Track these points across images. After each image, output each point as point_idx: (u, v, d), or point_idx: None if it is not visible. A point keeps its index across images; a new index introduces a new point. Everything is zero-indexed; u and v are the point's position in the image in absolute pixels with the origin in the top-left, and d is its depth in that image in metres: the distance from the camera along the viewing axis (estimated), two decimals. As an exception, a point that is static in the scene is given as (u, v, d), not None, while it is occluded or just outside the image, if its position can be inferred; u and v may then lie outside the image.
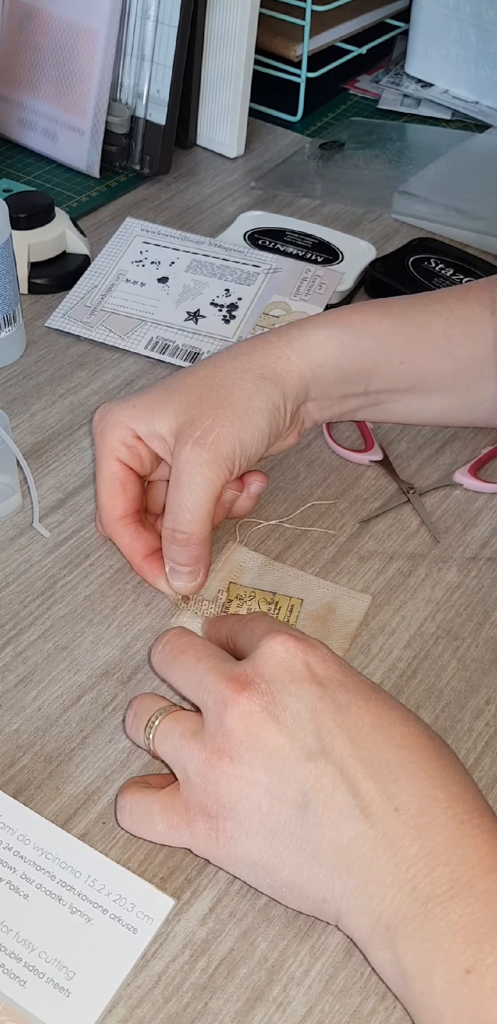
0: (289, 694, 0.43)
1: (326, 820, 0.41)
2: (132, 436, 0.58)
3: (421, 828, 0.40)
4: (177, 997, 0.42)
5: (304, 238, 0.87)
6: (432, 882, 0.39)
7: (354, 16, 1.17)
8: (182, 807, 0.44)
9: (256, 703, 0.43)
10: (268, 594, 0.58)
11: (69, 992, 0.42)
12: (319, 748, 0.42)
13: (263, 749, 0.42)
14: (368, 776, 0.41)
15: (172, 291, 0.80)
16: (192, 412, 0.56)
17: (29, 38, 0.97)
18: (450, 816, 0.40)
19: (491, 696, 0.54)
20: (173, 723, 0.46)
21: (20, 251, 0.79)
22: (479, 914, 0.38)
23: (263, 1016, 0.42)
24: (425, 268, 0.82)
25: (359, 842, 0.40)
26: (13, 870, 0.45)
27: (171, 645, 0.48)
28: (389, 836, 0.40)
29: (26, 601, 0.58)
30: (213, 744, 0.43)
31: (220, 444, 0.55)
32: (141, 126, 0.96)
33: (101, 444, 0.58)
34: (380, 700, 0.44)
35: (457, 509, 0.65)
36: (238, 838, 0.43)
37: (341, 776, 0.41)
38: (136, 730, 0.48)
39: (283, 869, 0.42)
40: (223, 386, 0.57)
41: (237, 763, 0.43)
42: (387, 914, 0.40)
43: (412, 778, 0.41)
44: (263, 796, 0.42)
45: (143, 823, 0.45)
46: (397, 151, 1.03)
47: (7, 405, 0.72)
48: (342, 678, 0.44)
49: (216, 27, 0.97)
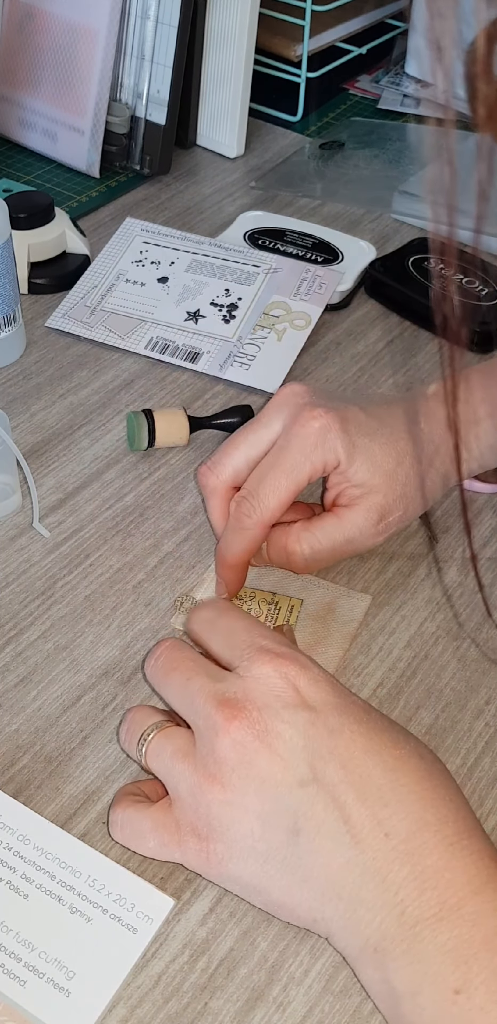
0: (281, 721, 0.43)
1: (317, 847, 0.41)
2: (333, 464, 0.56)
3: (410, 852, 0.40)
4: (177, 997, 0.42)
5: (304, 238, 0.87)
6: (420, 905, 0.39)
7: (354, 16, 1.17)
8: (173, 825, 0.44)
9: (248, 732, 0.42)
10: (268, 594, 0.58)
11: (69, 992, 0.42)
12: (311, 776, 0.42)
13: (255, 777, 0.42)
14: (359, 802, 0.41)
15: (172, 291, 0.80)
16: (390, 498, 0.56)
17: (29, 38, 0.97)
18: (440, 839, 0.40)
19: (491, 696, 0.54)
20: (165, 741, 0.45)
21: (20, 251, 0.79)
22: (467, 936, 0.38)
23: (263, 1016, 0.42)
24: (425, 268, 0.82)
25: (349, 868, 0.41)
26: (13, 870, 0.45)
27: (163, 660, 0.47)
28: (378, 861, 0.40)
29: (26, 601, 0.58)
30: (205, 769, 0.43)
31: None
32: (141, 126, 0.96)
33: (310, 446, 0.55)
34: (372, 722, 0.43)
35: (457, 509, 0.65)
36: (229, 860, 0.43)
37: (333, 803, 0.41)
38: (129, 744, 0.47)
39: (274, 891, 0.42)
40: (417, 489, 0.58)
41: (228, 790, 0.42)
42: (375, 937, 0.40)
43: (403, 802, 0.41)
44: (255, 822, 0.42)
45: (134, 839, 0.45)
46: (397, 151, 1.03)
47: (7, 405, 0.72)
48: (334, 700, 0.44)
49: (216, 27, 0.97)
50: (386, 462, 0.56)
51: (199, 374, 0.75)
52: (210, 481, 0.57)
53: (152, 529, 0.63)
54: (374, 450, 0.56)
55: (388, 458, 0.56)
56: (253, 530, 0.55)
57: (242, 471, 0.56)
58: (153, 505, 0.65)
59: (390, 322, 0.81)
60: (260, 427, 0.56)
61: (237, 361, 0.75)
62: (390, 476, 0.56)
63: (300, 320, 0.78)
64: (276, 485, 0.54)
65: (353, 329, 0.80)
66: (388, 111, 1.12)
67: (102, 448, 0.69)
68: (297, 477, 0.54)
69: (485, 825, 0.48)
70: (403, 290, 0.81)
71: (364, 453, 0.55)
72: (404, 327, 0.81)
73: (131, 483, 0.66)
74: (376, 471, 0.56)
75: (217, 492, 0.57)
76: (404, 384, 0.75)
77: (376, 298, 0.83)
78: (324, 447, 0.54)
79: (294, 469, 0.54)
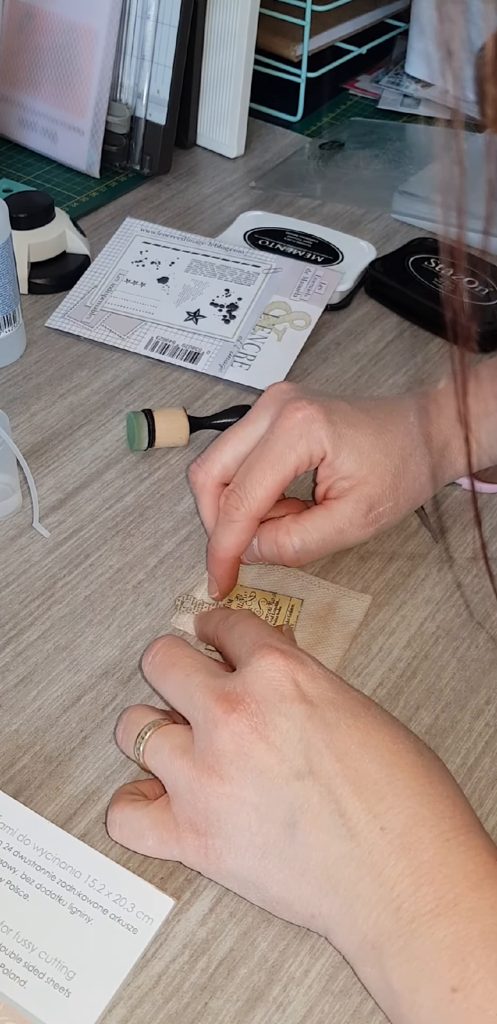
0: (279, 714, 0.43)
1: (313, 840, 0.41)
2: (319, 455, 0.56)
3: (406, 847, 0.40)
4: (177, 997, 0.42)
5: (304, 238, 0.87)
6: (417, 901, 0.39)
7: (354, 16, 1.17)
8: (172, 822, 0.44)
9: (246, 723, 0.43)
10: (268, 594, 0.58)
11: (69, 992, 0.42)
12: (307, 768, 0.42)
13: (252, 769, 0.42)
14: (355, 795, 0.41)
15: (172, 291, 0.80)
16: (379, 489, 0.57)
17: (29, 38, 0.97)
18: (436, 834, 0.40)
19: (491, 696, 0.54)
20: (162, 738, 0.45)
21: (20, 251, 0.79)
22: (464, 932, 0.38)
23: (263, 1016, 0.42)
24: (425, 268, 0.82)
25: (345, 862, 0.41)
26: (13, 870, 0.45)
27: (161, 656, 0.47)
28: (374, 856, 0.40)
29: (26, 601, 0.58)
30: (203, 762, 0.43)
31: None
32: (141, 126, 0.96)
33: (294, 436, 0.55)
34: (370, 717, 0.43)
35: (457, 509, 0.65)
36: (227, 855, 0.43)
37: (329, 796, 0.41)
38: (126, 743, 0.48)
39: (272, 886, 0.42)
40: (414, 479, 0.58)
41: (226, 782, 0.43)
42: (372, 933, 0.40)
43: (399, 796, 0.41)
44: (252, 815, 0.42)
45: (133, 838, 0.45)
46: (397, 151, 1.03)
47: (7, 405, 0.72)
48: (332, 695, 0.44)
49: (216, 27, 0.97)
50: (373, 453, 0.56)
51: (199, 374, 0.75)
52: (199, 478, 0.58)
53: (152, 529, 0.63)
54: (360, 440, 0.56)
55: (375, 449, 0.56)
56: (241, 523, 0.55)
57: (231, 468, 0.57)
58: (153, 505, 0.65)
59: (390, 322, 0.81)
60: (248, 424, 0.57)
61: (237, 361, 0.75)
62: (378, 466, 0.56)
63: (300, 320, 0.78)
64: (262, 477, 0.55)
65: (353, 329, 0.80)
66: (388, 111, 1.12)
67: (102, 448, 0.69)
68: (283, 468, 0.55)
69: (485, 825, 0.48)
70: (403, 290, 0.81)
71: (350, 444, 0.56)
72: (404, 327, 0.81)
73: (131, 483, 0.66)
74: (363, 461, 0.56)
75: (207, 489, 0.58)
76: (404, 384, 0.75)
77: (376, 298, 0.83)
78: (309, 437, 0.55)
79: (279, 460, 0.55)
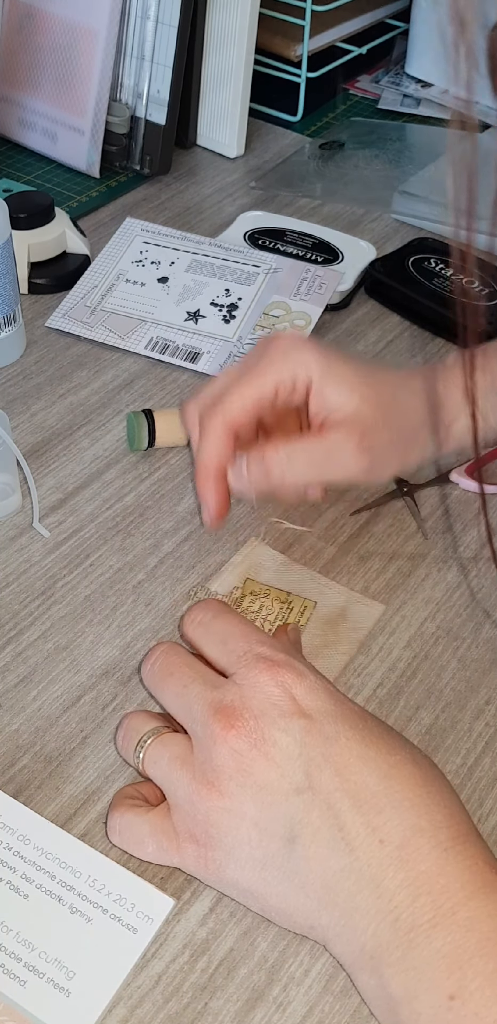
0: (277, 729, 0.43)
1: (313, 854, 0.41)
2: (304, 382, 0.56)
3: (404, 859, 0.40)
4: (177, 997, 0.42)
5: (304, 238, 0.87)
6: (414, 912, 0.39)
7: (354, 16, 1.17)
8: (171, 831, 0.44)
9: (245, 740, 0.43)
10: (283, 593, 0.58)
11: (69, 992, 0.42)
12: (307, 783, 0.42)
13: (252, 785, 0.42)
14: (354, 809, 0.41)
15: (172, 291, 0.80)
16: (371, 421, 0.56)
17: (29, 38, 0.97)
18: (434, 845, 0.40)
19: (491, 696, 0.54)
20: (162, 748, 0.45)
21: (20, 251, 0.79)
22: (461, 941, 0.38)
23: (263, 1016, 0.42)
24: (425, 268, 0.82)
25: (344, 875, 0.41)
26: (13, 870, 0.45)
27: (159, 665, 0.47)
28: (373, 868, 0.40)
29: (26, 601, 0.58)
30: (203, 776, 0.43)
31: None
32: (141, 126, 0.96)
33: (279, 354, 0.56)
34: (368, 729, 0.43)
35: (457, 509, 0.65)
36: (227, 867, 0.43)
37: (328, 810, 0.41)
38: (126, 750, 0.47)
39: (271, 897, 0.43)
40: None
41: (226, 797, 0.43)
42: (371, 944, 0.40)
43: (397, 808, 0.41)
44: (252, 829, 0.42)
45: (133, 844, 0.45)
46: (397, 151, 1.03)
47: (7, 405, 0.72)
48: (331, 708, 0.44)
49: (216, 27, 0.97)
50: (363, 387, 0.56)
51: (199, 374, 0.75)
52: (190, 408, 0.59)
53: (152, 529, 0.63)
54: (350, 374, 0.56)
55: (365, 384, 0.57)
56: (217, 430, 0.55)
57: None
58: (153, 505, 0.65)
59: (390, 322, 0.81)
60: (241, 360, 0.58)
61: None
62: (369, 399, 0.56)
63: (300, 320, 0.78)
64: (239, 388, 0.56)
65: (353, 329, 0.80)
66: (388, 111, 1.12)
67: (102, 448, 0.69)
68: (262, 383, 0.56)
69: (485, 825, 0.48)
70: (403, 290, 0.81)
71: (339, 375, 0.56)
72: (404, 327, 0.81)
73: (131, 483, 0.66)
74: (353, 393, 0.56)
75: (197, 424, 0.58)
76: (404, 384, 0.75)
77: (376, 298, 0.83)
78: (295, 359, 0.55)
79: (260, 375, 0.56)
